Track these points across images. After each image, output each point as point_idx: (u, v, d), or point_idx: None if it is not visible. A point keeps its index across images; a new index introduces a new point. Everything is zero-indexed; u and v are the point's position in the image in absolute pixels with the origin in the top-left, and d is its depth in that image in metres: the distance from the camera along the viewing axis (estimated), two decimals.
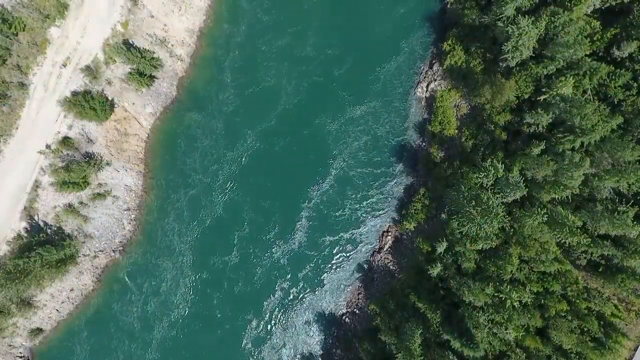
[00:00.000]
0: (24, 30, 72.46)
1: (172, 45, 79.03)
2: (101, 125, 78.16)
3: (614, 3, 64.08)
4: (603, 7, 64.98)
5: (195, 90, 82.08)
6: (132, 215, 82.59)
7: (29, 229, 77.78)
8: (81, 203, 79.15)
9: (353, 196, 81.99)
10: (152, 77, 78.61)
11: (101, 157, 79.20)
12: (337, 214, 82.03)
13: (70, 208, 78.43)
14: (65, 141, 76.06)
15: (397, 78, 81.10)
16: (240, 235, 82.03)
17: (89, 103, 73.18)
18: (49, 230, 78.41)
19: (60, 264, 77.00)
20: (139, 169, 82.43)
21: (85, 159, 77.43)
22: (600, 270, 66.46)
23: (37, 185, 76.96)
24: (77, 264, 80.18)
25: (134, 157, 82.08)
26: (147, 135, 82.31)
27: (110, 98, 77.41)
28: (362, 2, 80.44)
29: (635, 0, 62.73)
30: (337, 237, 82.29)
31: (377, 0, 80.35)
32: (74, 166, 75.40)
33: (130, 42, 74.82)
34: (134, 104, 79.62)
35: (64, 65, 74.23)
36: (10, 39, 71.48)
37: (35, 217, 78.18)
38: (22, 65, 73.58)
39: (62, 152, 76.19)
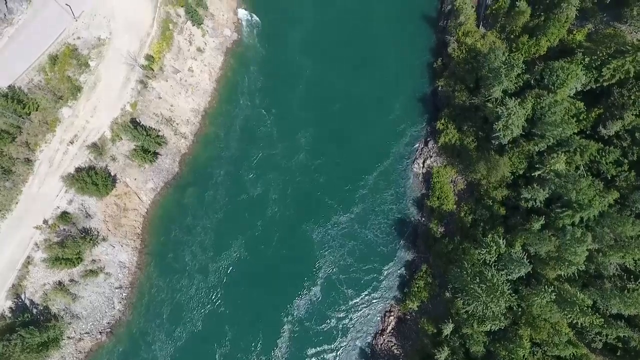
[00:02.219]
0: (37, 110, 75.98)
1: (177, 124, 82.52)
2: (101, 201, 78.43)
3: (594, 86, 68.35)
4: (585, 90, 69.18)
5: (196, 167, 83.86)
6: (124, 294, 79.28)
7: (14, 308, 73.99)
8: (72, 280, 76.42)
9: (354, 276, 79.79)
10: (155, 154, 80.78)
11: (98, 232, 78.25)
12: (339, 297, 79.16)
13: (59, 286, 75.49)
14: (63, 216, 75.72)
15: (394, 158, 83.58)
16: (222, 353, 77.12)
17: (92, 178, 74.23)
18: (34, 310, 74.56)
19: (42, 347, 71.88)
20: (135, 244, 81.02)
21: (82, 234, 76.42)
22: (618, 354, 62.26)
23: (28, 261, 74.91)
24: (59, 348, 74.91)
25: (131, 232, 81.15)
26: (146, 210, 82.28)
27: (112, 174, 78.74)
28: (359, 105, 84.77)
29: (614, 84, 67.05)
30: (339, 319, 78.27)
31: (371, 92, 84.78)
32: (69, 242, 74.10)
33: (137, 121, 78.21)
34: (135, 179, 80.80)
35: (71, 143, 76.66)
36: (23, 119, 74.65)
37: (22, 296, 74.88)
38: (30, 143, 75.95)
39: (58, 227, 75.43)
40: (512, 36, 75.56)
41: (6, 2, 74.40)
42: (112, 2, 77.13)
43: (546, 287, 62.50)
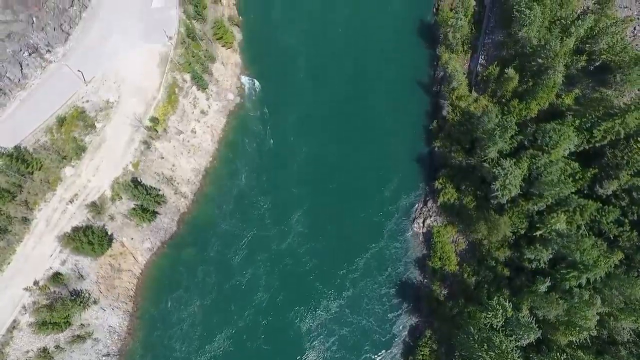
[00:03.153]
0: (39, 170, 77.04)
1: (178, 183, 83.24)
2: (96, 261, 76.73)
3: (587, 147, 69.93)
4: (578, 150, 70.68)
5: (195, 226, 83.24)
6: None
7: None
8: (57, 347, 72.38)
9: (357, 343, 75.92)
10: (154, 213, 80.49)
11: (89, 294, 75.59)
12: None
13: (43, 353, 71.32)
14: (55, 277, 73.58)
15: (392, 221, 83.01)
16: None
17: (88, 238, 73.26)
18: None
19: None
20: (126, 307, 77.91)
21: (72, 296, 73.77)
22: None
23: (14, 326, 71.46)
24: None
25: (124, 294, 78.45)
26: (140, 271, 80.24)
27: (109, 233, 77.85)
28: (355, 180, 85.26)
29: (606, 144, 68.68)
30: None
31: (369, 156, 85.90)
32: (59, 305, 71.32)
33: (138, 180, 78.92)
34: (132, 239, 79.72)
35: (71, 202, 76.71)
36: (25, 178, 75.44)
37: None
38: (30, 202, 76.01)
39: (49, 289, 73.01)
40: (503, 100, 78.77)
41: (21, 68, 78.51)
42: (124, 69, 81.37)
43: (558, 354, 59.16)
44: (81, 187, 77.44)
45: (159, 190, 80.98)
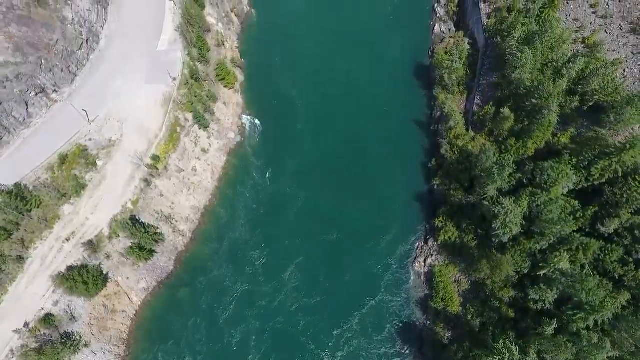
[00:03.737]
0: (38, 207, 76.69)
1: (177, 221, 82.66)
2: (89, 301, 74.72)
3: (586, 185, 70.09)
4: (577, 188, 70.77)
5: (192, 266, 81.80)
6: None
7: None
8: None
9: None
10: (151, 251, 79.35)
11: (80, 336, 72.97)
12: None
13: None
14: (47, 319, 71.33)
15: (393, 262, 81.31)
16: None
17: (83, 277, 71.71)
18: None
19: None
20: (118, 351, 74.98)
21: (63, 339, 71.16)
22: None
23: None
24: None
25: (116, 337, 75.75)
26: (135, 312, 77.97)
27: (105, 272, 76.35)
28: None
29: (605, 182, 68.90)
30: None
31: (368, 200, 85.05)
32: (48, 348, 68.72)
33: (137, 218, 78.42)
34: (128, 278, 78.06)
35: (67, 240, 75.79)
36: (23, 215, 74.97)
37: None
38: (26, 240, 75.07)
39: (39, 331, 70.58)
40: (500, 139, 79.91)
41: (27, 107, 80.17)
42: (127, 108, 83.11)
43: None
44: (79, 225, 76.81)
45: (157, 228, 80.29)
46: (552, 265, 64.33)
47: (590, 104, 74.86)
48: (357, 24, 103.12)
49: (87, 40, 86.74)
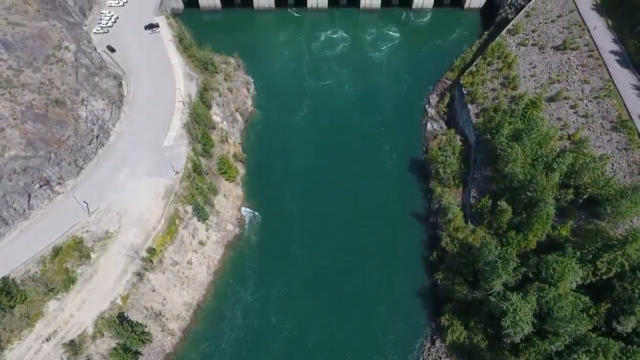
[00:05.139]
0: (22, 303, 72.73)
1: (167, 318, 77.87)
2: None
3: (594, 279, 67.79)
4: (585, 283, 68.29)
5: None
6: None
7: None
8: None
9: None
10: (136, 354, 73.26)
11: None
12: None
13: None
14: None
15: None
16: None
17: None
18: None
19: None
20: None
21: None
22: None
23: None
24: None
25: None
26: None
27: None
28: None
29: (613, 277, 66.71)
30: None
31: (367, 298, 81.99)
32: None
33: (125, 315, 73.95)
34: None
35: (47, 340, 70.43)
36: (5, 312, 70.79)
37: None
38: (3, 340, 69.79)
39: None
40: (500, 231, 79.51)
41: (29, 199, 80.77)
42: (128, 200, 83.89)
43: None
44: (62, 323, 72.14)
45: (146, 326, 75.31)
46: None
47: (585, 196, 76.11)
48: (354, 125, 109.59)
49: (97, 136, 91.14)
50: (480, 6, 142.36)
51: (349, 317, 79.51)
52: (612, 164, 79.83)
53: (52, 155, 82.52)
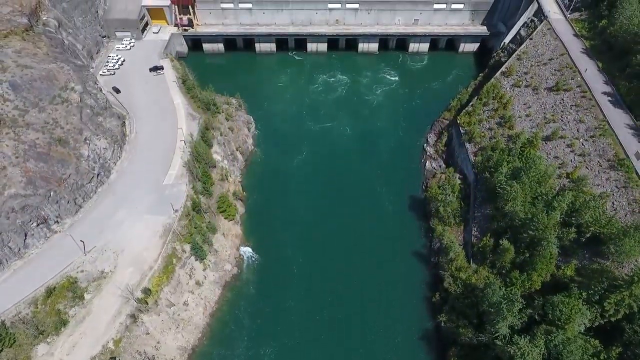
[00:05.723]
0: (10, 347, 69.92)
1: None
2: None
3: (602, 322, 65.68)
4: (594, 326, 66.08)
5: None
6: None
7: None
8: None
9: None
10: None
11: None
12: None
13: None
14: None
15: None
16: None
17: None
18: None
19: None
20: None
21: None
22: None
23: None
24: None
25: None
26: None
27: None
28: None
29: (621, 319, 64.65)
30: None
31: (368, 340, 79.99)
32: None
33: None
34: None
35: None
36: None
37: None
38: None
39: None
40: (503, 271, 77.91)
41: (25, 238, 79.72)
42: (125, 239, 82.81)
43: None
44: None
45: None
46: None
47: (587, 235, 75.28)
48: (353, 165, 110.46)
49: (97, 175, 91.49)
50: (474, 50, 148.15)
51: None
52: (613, 202, 79.62)
53: (51, 193, 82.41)
